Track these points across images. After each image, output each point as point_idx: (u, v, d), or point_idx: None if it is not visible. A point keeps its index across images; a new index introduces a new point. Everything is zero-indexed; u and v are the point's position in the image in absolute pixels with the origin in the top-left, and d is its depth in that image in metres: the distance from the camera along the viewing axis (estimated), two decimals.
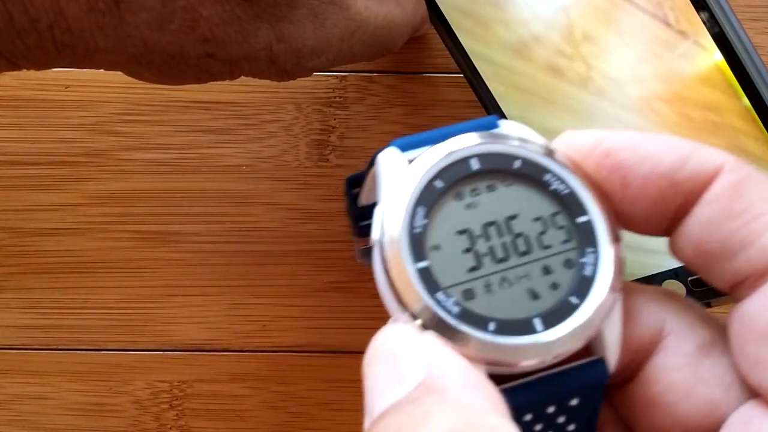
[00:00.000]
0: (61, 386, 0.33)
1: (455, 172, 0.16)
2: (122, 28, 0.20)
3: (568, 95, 0.27)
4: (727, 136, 0.25)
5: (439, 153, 0.16)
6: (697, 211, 0.15)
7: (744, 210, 0.14)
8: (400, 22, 0.26)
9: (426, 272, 0.15)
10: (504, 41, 0.27)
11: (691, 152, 0.15)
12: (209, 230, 0.33)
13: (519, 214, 0.16)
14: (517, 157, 0.16)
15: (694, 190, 0.15)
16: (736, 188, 0.14)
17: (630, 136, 0.15)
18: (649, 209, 0.15)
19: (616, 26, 0.25)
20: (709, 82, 0.24)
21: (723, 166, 0.14)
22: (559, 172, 0.16)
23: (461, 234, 0.16)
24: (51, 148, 0.33)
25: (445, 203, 0.16)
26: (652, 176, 0.15)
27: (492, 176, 0.16)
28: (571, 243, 0.16)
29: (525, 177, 0.16)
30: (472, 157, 0.16)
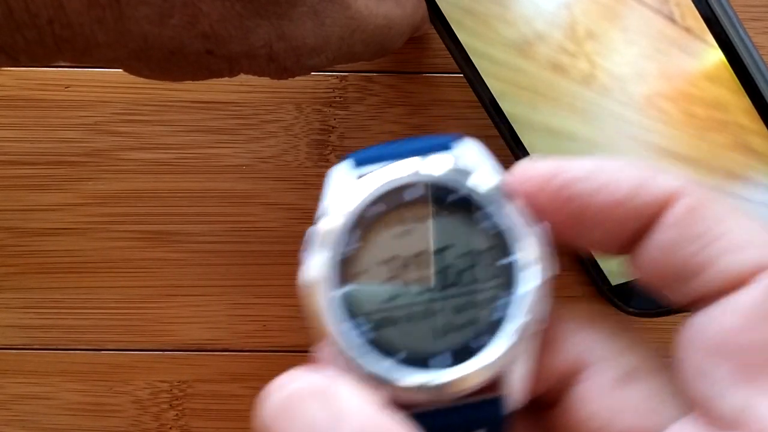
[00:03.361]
0: (61, 386, 0.33)
1: (392, 200, 0.16)
2: (122, 23, 0.20)
3: (571, 93, 0.27)
4: (732, 133, 0.25)
5: (381, 178, 0.16)
6: (655, 235, 0.15)
7: (701, 234, 0.14)
8: (400, 21, 0.26)
9: (345, 299, 0.16)
10: (506, 39, 0.27)
11: (648, 178, 0.15)
12: (209, 230, 0.33)
13: (449, 247, 0.16)
14: (456, 189, 0.16)
15: (652, 215, 0.15)
16: (693, 212, 0.14)
17: (585, 165, 0.15)
18: (607, 234, 0.15)
19: (620, 23, 0.25)
20: (714, 79, 0.24)
21: (680, 190, 0.15)
22: (496, 207, 0.16)
23: (390, 261, 0.16)
24: (51, 148, 0.33)
25: (379, 229, 0.16)
26: (609, 204, 0.15)
27: (429, 206, 0.16)
28: (493, 282, 0.16)
29: (461, 209, 0.16)
30: (411, 186, 0.16)
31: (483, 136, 0.34)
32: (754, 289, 0.14)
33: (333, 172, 0.17)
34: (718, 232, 0.14)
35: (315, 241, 0.16)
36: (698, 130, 0.25)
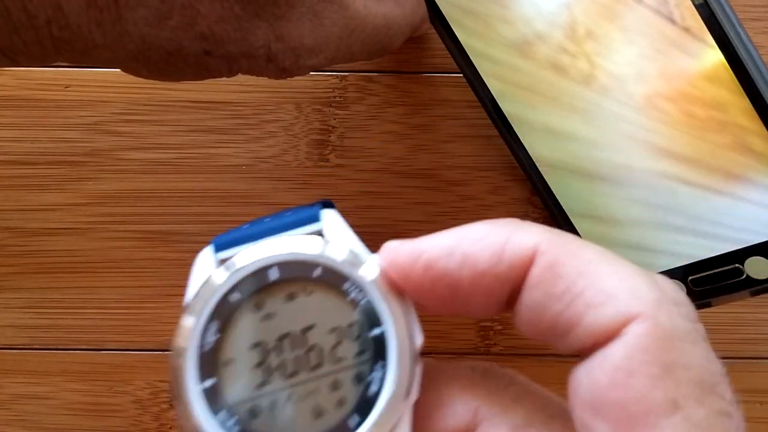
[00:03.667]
0: (61, 386, 0.33)
1: (254, 282, 0.16)
2: (120, 25, 0.20)
3: (571, 93, 0.27)
4: (732, 134, 0.25)
5: (241, 262, 0.16)
6: (524, 297, 0.15)
7: (563, 291, 0.14)
8: (399, 21, 0.26)
9: (212, 391, 0.15)
10: (506, 39, 0.27)
11: (505, 242, 0.15)
12: (209, 230, 0.33)
13: (316, 325, 0.16)
14: (317, 265, 0.16)
15: (517, 278, 0.15)
16: (552, 270, 0.14)
17: (444, 241, 0.15)
18: (482, 303, 0.15)
19: (620, 23, 0.25)
20: (714, 79, 0.24)
21: (537, 247, 0.15)
22: (360, 281, 0.16)
23: (255, 347, 0.16)
24: (51, 148, 0.33)
25: (241, 316, 0.16)
26: (475, 277, 0.15)
27: (292, 285, 0.16)
28: (363, 356, 0.16)
29: (325, 285, 0.16)
30: (272, 266, 0.16)
31: (483, 136, 0.34)
32: (620, 343, 0.14)
33: (197, 258, 0.17)
34: (580, 287, 0.14)
35: (179, 335, 0.16)
36: (698, 131, 0.25)
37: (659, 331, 0.13)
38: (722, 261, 0.27)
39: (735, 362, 0.33)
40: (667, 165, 0.27)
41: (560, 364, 0.32)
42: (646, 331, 0.13)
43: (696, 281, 0.28)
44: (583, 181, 0.29)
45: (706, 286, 0.28)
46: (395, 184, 0.33)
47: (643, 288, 0.14)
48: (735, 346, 0.33)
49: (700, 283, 0.28)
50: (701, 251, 0.27)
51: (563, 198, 0.30)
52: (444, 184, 0.33)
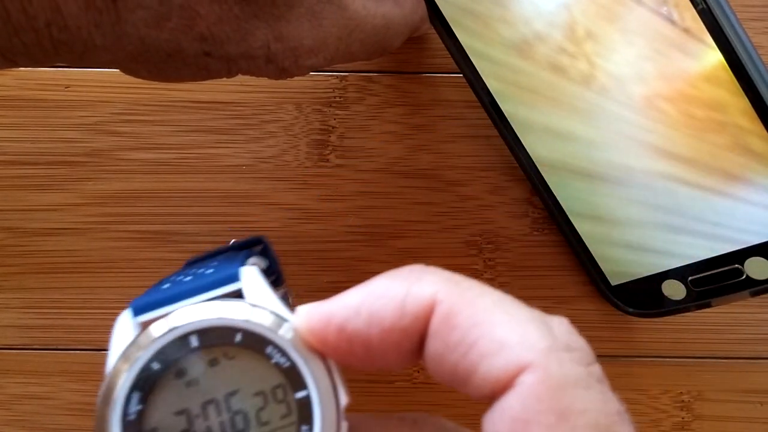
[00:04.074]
0: (61, 386, 0.33)
1: (175, 350, 0.16)
2: (119, 26, 0.20)
3: (570, 94, 0.27)
4: (731, 134, 0.25)
5: (159, 330, 0.16)
6: (427, 347, 0.15)
7: (458, 341, 0.15)
8: (398, 21, 0.26)
9: None
10: (506, 39, 0.27)
11: (405, 295, 0.15)
12: (209, 230, 0.33)
13: (240, 389, 0.16)
14: (238, 330, 0.16)
15: (421, 329, 0.15)
16: (448, 320, 0.15)
17: (350, 301, 0.16)
18: (397, 356, 0.16)
19: (620, 24, 0.25)
20: (713, 80, 0.24)
21: (435, 297, 0.15)
22: (281, 344, 0.16)
23: (179, 415, 0.16)
24: (51, 148, 0.33)
25: (164, 384, 0.16)
26: (383, 334, 0.15)
27: (214, 350, 0.16)
28: (289, 419, 0.16)
29: (248, 349, 0.16)
30: (192, 333, 0.16)
31: (483, 136, 0.34)
32: (515, 393, 0.14)
33: (116, 322, 0.17)
34: (474, 337, 0.14)
35: (101, 405, 0.16)
36: (697, 131, 0.25)
37: (550, 380, 0.14)
38: (722, 261, 0.27)
39: (735, 362, 0.33)
40: (667, 165, 0.27)
41: None
42: (537, 380, 0.14)
43: (696, 281, 0.28)
44: (583, 182, 0.29)
45: (706, 286, 0.28)
46: (395, 184, 0.33)
47: (533, 336, 0.14)
48: (735, 346, 0.33)
49: (700, 283, 0.28)
50: (701, 252, 0.27)
51: (563, 198, 0.30)
52: (444, 184, 0.33)
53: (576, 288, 0.33)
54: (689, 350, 0.33)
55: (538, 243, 0.33)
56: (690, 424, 0.32)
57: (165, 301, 0.17)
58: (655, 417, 0.33)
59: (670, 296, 0.29)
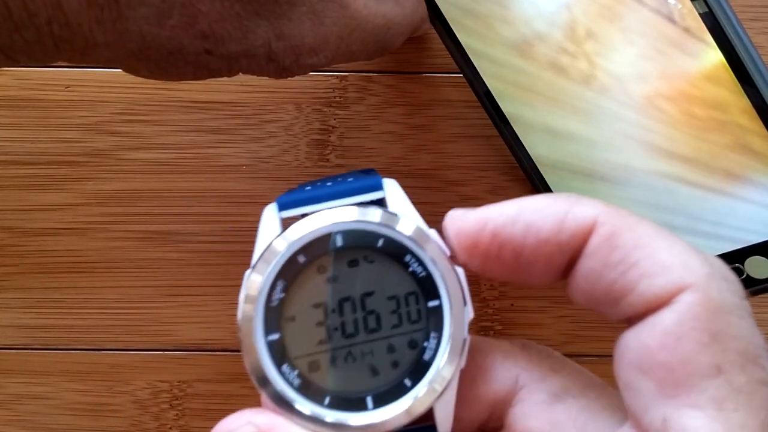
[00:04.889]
0: (61, 386, 0.33)
1: (320, 246, 0.17)
2: (121, 23, 0.20)
3: (571, 93, 0.27)
4: (732, 133, 0.25)
5: (308, 227, 0.17)
6: (581, 265, 0.16)
7: (619, 261, 0.15)
8: (399, 21, 0.26)
9: (276, 344, 0.17)
10: (506, 39, 0.27)
11: (566, 212, 0.16)
12: (209, 230, 0.33)
13: (375, 292, 0.17)
14: (380, 236, 0.17)
15: (577, 246, 0.16)
16: (610, 240, 0.15)
17: (508, 210, 0.16)
18: (543, 269, 0.16)
19: (620, 23, 0.25)
20: (714, 79, 0.24)
21: (598, 219, 0.16)
22: (420, 253, 0.17)
23: (317, 307, 0.17)
24: (51, 148, 0.33)
25: (307, 276, 0.17)
26: (538, 244, 0.16)
27: (356, 252, 0.17)
28: (419, 324, 0.17)
29: (387, 255, 0.17)
30: (338, 233, 0.17)
31: (483, 136, 0.34)
32: (671, 310, 0.14)
33: (263, 215, 0.18)
34: (636, 258, 0.15)
35: (248, 289, 0.17)
36: (697, 131, 0.25)
37: (709, 302, 0.14)
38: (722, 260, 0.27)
39: None
40: (667, 165, 0.27)
41: None
42: (697, 300, 0.14)
43: None
44: (583, 181, 0.29)
45: None
46: None
47: (695, 262, 0.15)
48: None
49: None
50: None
51: None
52: (444, 184, 0.33)
53: None
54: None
55: None
56: None
57: (309, 200, 0.18)
58: None
59: None
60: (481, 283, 0.33)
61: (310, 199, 0.18)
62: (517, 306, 0.33)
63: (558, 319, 0.33)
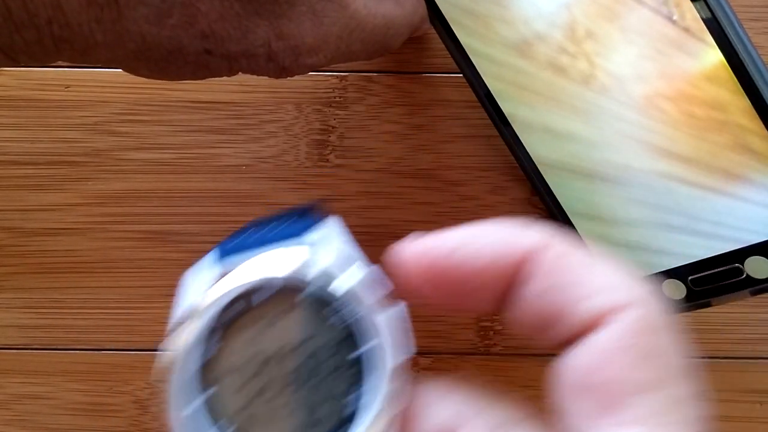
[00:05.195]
0: (61, 386, 0.33)
1: (252, 296, 0.16)
2: (121, 23, 0.20)
3: (571, 93, 0.27)
4: (732, 133, 0.25)
5: (228, 284, 0.16)
6: (523, 288, 0.16)
7: (560, 283, 0.16)
8: (399, 21, 0.26)
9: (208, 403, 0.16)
10: (506, 40, 0.27)
11: (509, 237, 0.16)
12: (209, 230, 0.33)
13: (300, 345, 0.17)
14: (305, 286, 0.16)
15: (519, 270, 0.16)
16: (551, 264, 0.16)
17: (453, 236, 0.16)
18: (485, 296, 0.16)
19: (620, 23, 0.25)
20: (714, 79, 0.24)
21: (538, 244, 0.16)
22: (345, 301, 0.16)
23: (249, 360, 0.16)
24: (51, 148, 0.33)
25: (238, 329, 0.16)
26: (482, 268, 0.16)
27: (286, 301, 0.17)
28: (349, 372, 0.17)
29: (311, 305, 0.17)
30: (268, 280, 0.16)
31: (483, 136, 0.34)
32: (609, 329, 0.15)
33: (196, 267, 0.17)
34: (575, 279, 0.15)
35: (169, 351, 0.16)
36: (698, 131, 0.25)
37: (647, 320, 0.15)
38: (722, 261, 0.27)
39: (735, 362, 0.33)
40: (667, 165, 0.27)
41: None
42: (635, 318, 0.15)
43: (696, 281, 0.28)
44: (583, 181, 0.29)
45: (706, 285, 0.28)
46: (395, 184, 0.33)
47: (632, 282, 0.15)
48: (735, 346, 0.33)
49: (700, 282, 0.28)
50: (701, 251, 0.27)
51: (563, 198, 0.30)
52: (444, 184, 0.33)
53: None
54: (689, 350, 0.33)
55: None
56: None
57: (247, 247, 0.17)
58: None
59: (670, 296, 0.29)
60: None
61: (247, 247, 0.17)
62: None
63: None
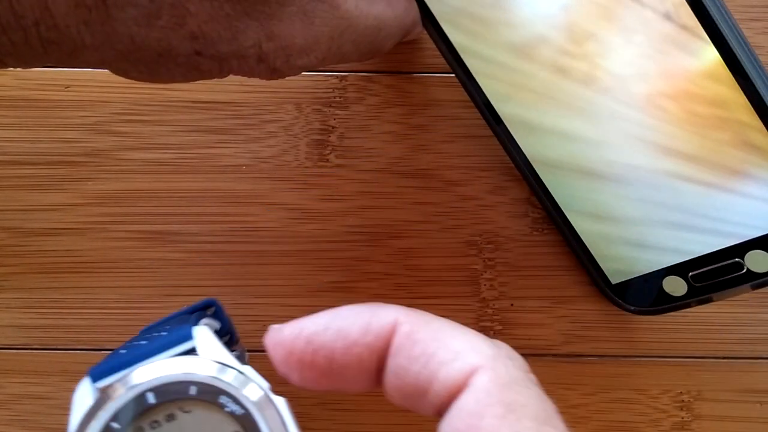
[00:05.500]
0: (61, 386, 0.33)
1: (132, 408, 0.17)
2: (109, 25, 0.19)
3: (573, 94, 0.27)
4: (734, 131, 0.25)
5: (117, 391, 0.17)
6: (389, 364, 0.17)
7: (420, 354, 0.17)
8: (390, 23, 0.26)
9: None
10: (507, 42, 0.27)
11: (371, 316, 0.17)
12: (209, 230, 0.33)
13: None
14: (191, 383, 0.17)
15: (382, 346, 0.17)
16: (410, 337, 0.17)
17: (320, 319, 0.18)
18: (356, 372, 0.18)
19: (619, 23, 0.25)
20: (714, 77, 0.24)
21: (396, 320, 0.17)
22: (234, 393, 0.17)
23: None
24: (51, 148, 0.33)
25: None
26: (348, 346, 0.17)
27: (171, 405, 0.17)
28: None
29: (203, 401, 0.17)
30: (148, 391, 0.17)
31: (482, 136, 0.34)
32: (469, 392, 0.16)
33: (76, 391, 0.18)
34: (432, 349, 0.17)
35: None
36: (700, 128, 0.25)
37: (498, 378, 0.16)
38: (723, 256, 0.27)
39: (735, 362, 0.33)
40: (669, 162, 0.27)
41: (560, 364, 0.32)
42: (488, 378, 0.16)
43: (697, 277, 0.28)
44: (582, 180, 0.29)
45: (707, 281, 0.28)
46: (395, 184, 0.33)
47: (483, 345, 0.17)
48: (735, 346, 0.33)
49: (701, 278, 0.28)
50: (701, 247, 0.27)
51: (561, 197, 0.30)
52: (444, 184, 0.33)
53: (576, 288, 0.33)
54: (689, 350, 0.33)
55: (538, 243, 0.33)
56: (690, 424, 0.32)
57: (122, 365, 0.18)
58: (654, 417, 0.33)
59: (671, 292, 0.29)
60: (481, 282, 0.33)
61: (122, 365, 0.18)
62: (517, 306, 0.33)
63: (558, 319, 0.33)
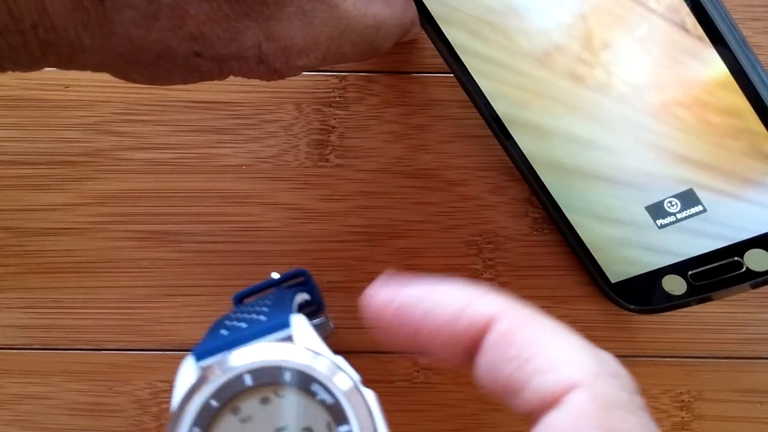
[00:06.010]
0: (61, 386, 0.33)
1: (231, 388, 0.18)
2: (108, 27, 0.19)
3: (589, 102, 0.27)
4: (748, 140, 0.25)
5: (218, 371, 0.18)
6: (480, 357, 0.17)
7: (514, 356, 0.16)
8: (389, 22, 0.26)
9: None
10: (524, 50, 0.27)
11: (466, 305, 0.17)
12: (209, 230, 0.33)
13: (288, 426, 0.18)
14: (287, 369, 0.18)
15: (472, 338, 0.17)
16: (506, 336, 0.16)
17: (416, 292, 0.18)
18: (441, 353, 0.17)
19: (634, 32, 0.25)
20: (729, 86, 0.24)
21: (496, 315, 0.16)
22: (326, 382, 0.18)
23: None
24: (51, 148, 0.33)
25: (221, 419, 0.18)
26: (434, 329, 0.17)
27: (266, 389, 0.18)
28: None
29: (296, 388, 0.18)
30: (246, 373, 0.18)
31: (482, 135, 0.34)
32: (563, 410, 0.15)
33: (180, 368, 0.19)
34: (529, 354, 0.16)
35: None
36: (714, 137, 0.25)
37: (599, 399, 0.15)
38: (722, 254, 0.27)
39: (735, 362, 0.33)
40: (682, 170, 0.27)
41: None
42: (587, 398, 0.15)
43: (696, 276, 0.28)
44: (582, 180, 0.29)
45: (707, 280, 0.28)
46: (395, 184, 0.33)
47: (585, 359, 0.16)
48: (735, 346, 0.33)
49: (701, 277, 0.28)
50: (701, 246, 0.27)
51: (561, 197, 0.30)
52: (444, 184, 0.33)
53: (576, 288, 0.33)
54: (689, 350, 0.33)
55: (538, 243, 0.33)
56: (690, 424, 0.32)
57: (223, 346, 0.19)
58: (655, 417, 0.32)
59: (670, 291, 0.29)
60: (481, 282, 0.33)
61: (223, 346, 0.19)
62: None
63: (558, 319, 0.33)
